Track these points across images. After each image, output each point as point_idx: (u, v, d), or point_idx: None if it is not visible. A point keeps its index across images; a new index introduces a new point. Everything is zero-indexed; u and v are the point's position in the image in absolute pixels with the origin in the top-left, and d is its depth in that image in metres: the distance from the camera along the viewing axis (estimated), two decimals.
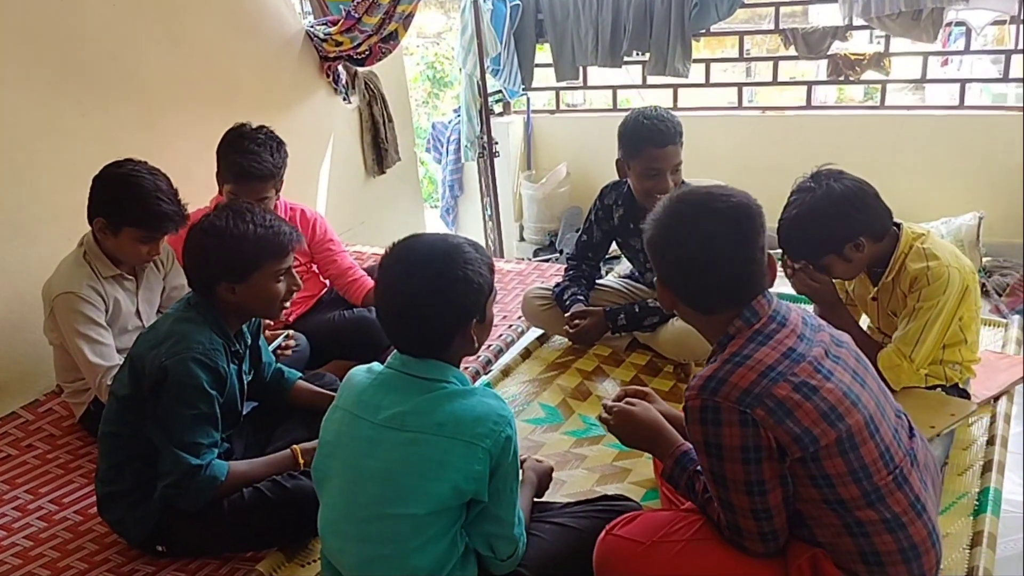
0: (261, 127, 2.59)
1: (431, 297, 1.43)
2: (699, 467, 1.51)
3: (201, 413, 1.78)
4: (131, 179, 2.17)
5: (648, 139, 2.49)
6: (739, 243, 1.41)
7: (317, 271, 2.93)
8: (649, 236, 1.50)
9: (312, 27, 3.77)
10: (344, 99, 4.04)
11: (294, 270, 1.95)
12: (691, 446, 1.55)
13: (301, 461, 1.94)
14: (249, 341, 2.04)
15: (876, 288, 2.19)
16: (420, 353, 1.49)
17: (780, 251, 2.08)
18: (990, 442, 2.12)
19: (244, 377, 2.01)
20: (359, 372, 1.57)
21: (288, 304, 1.98)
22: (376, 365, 1.56)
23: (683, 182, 2.66)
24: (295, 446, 1.97)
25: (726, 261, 1.41)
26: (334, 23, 3.70)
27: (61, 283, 2.23)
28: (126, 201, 2.17)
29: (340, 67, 3.94)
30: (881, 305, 2.22)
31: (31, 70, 2.55)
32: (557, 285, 2.94)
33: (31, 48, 2.54)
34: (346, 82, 4.03)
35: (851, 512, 1.36)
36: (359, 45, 3.73)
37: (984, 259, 4.06)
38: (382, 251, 1.54)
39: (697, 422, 1.37)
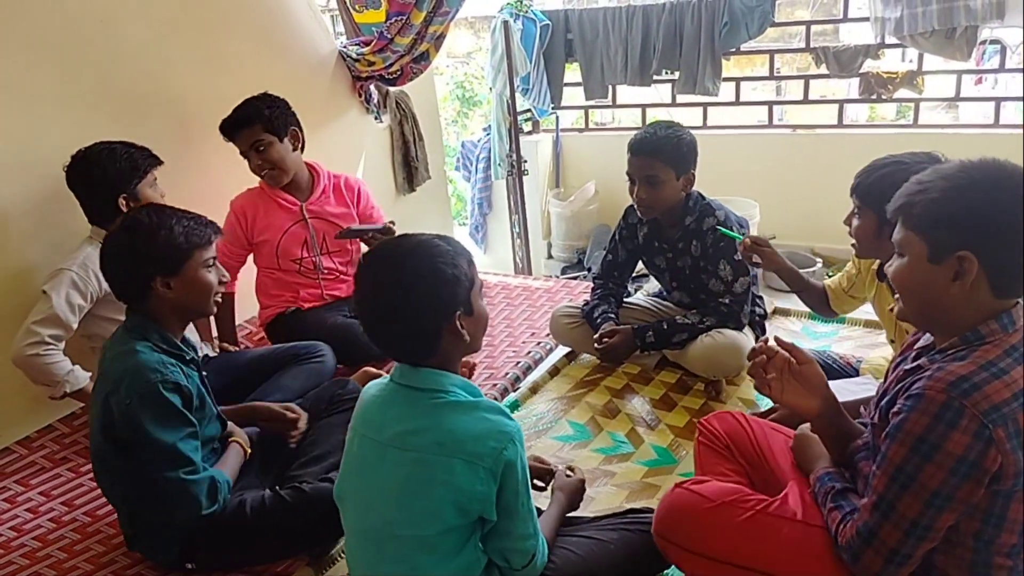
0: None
1: (404, 294, 1.39)
2: (836, 485, 1.45)
3: (185, 433, 1.77)
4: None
5: (630, 144, 2.61)
6: None
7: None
8: (963, 204, 1.29)
9: (345, 47, 3.82)
10: (376, 118, 4.08)
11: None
12: (832, 468, 1.51)
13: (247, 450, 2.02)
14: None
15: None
16: (412, 359, 1.46)
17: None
18: None
19: (207, 381, 1.97)
20: (371, 387, 1.56)
21: (219, 297, 1.95)
22: (384, 379, 1.54)
23: (700, 197, 2.66)
24: (233, 438, 2.02)
25: None
26: (366, 43, 3.74)
27: (67, 260, 2.36)
28: None
29: (372, 87, 3.99)
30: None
31: (69, 87, 2.61)
32: (586, 303, 2.94)
33: (70, 66, 2.60)
34: (378, 101, 4.07)
35: (992, 554, 1.31)
36: (391, 65, 3.77)
37: None
38: None
39: (930, 415, 1.24)
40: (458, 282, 1.42)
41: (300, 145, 2.88)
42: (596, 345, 2.73)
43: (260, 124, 2.73)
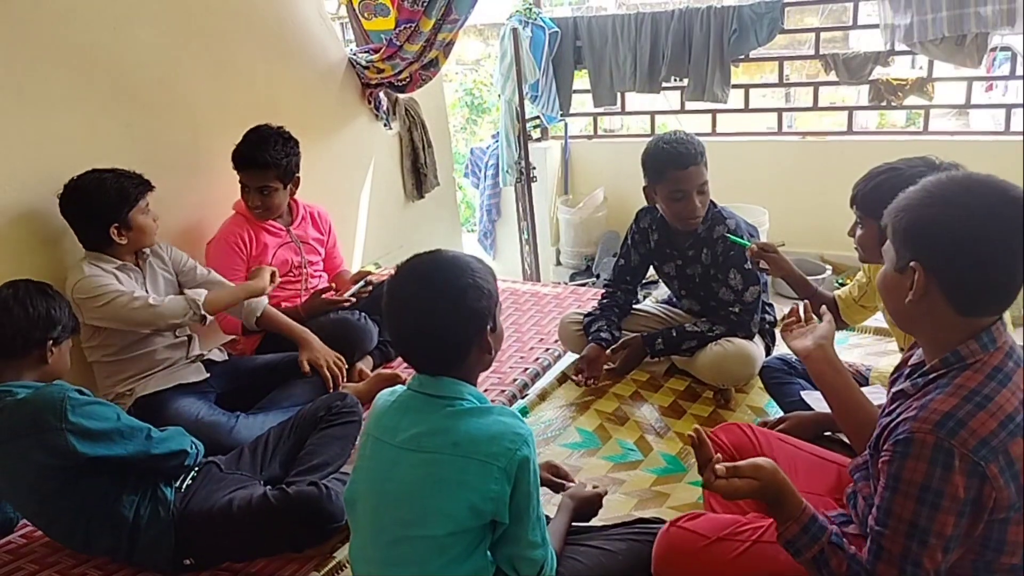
0: (277, 127, 2.86)
1: (446, 307, 1.42)
2: (833, 538, 1.32)
3: (123, 425, 1.87)
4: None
5: (670, 162, 2.53)
6: None
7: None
8: (918, 216, 1.27)
9: (354, 54, 3.83)
10: (385, 125, 4.09)
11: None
12: (814, 510, 1.36)
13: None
14: None
15: None
16: (438, 370, 1.48)
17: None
18: None
19: None
20: (383, 395, 1.59)
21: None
22: (399, 388, 1.57)
23: (712, 203, 2.66)
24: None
25: (1016, 256, 1.21)
26: (376, 51, 3.75)
27: (70, 281, 2.37)
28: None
29: (381, 93, 4.00)
30: None
31: (82, 93, 2.62)
32: (590, 312, 2.93)
33: (82, 72, 2.61)
34: (387, 108, 4.08)
35: (993, 573, 1.29)
36: (400, 72, 3.78)
37: None
38: None
39: (925, 460, 1.20)
40: (491, 297, 1.47)
41: (295, 190, 2.99)
42: (607, 365, 2.80)
43: (274, 172, 2.83)
